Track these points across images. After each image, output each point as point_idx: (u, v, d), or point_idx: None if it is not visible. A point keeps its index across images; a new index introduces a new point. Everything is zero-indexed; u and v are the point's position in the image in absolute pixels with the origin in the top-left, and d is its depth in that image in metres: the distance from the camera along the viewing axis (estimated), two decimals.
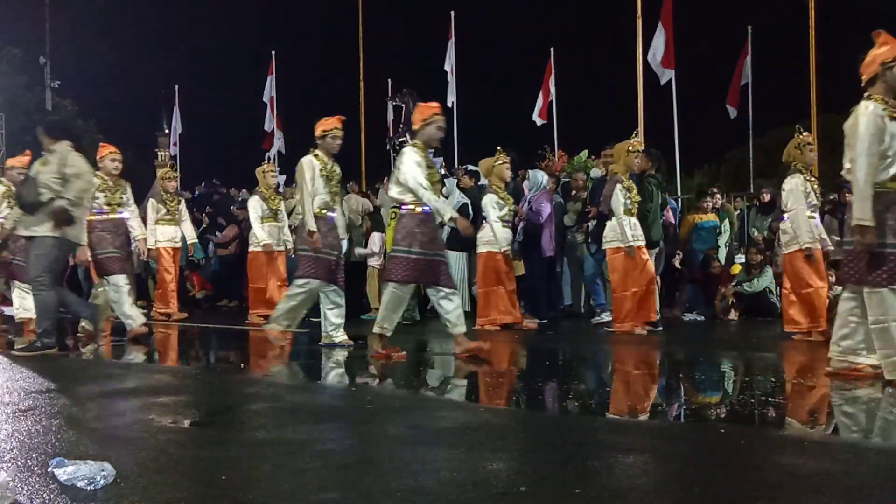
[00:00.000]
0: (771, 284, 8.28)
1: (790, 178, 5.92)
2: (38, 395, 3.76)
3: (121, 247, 6.65)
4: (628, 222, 6.52)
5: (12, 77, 23.80)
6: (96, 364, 5.40)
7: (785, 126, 25.24)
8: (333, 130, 5.66)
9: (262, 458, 2.51)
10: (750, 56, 14.68)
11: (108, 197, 6.68)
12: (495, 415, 3.45)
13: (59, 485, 2.13)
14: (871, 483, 2.24)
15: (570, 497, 2.07)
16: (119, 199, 6.75)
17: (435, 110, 5.17)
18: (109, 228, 6.62)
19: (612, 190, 6.60)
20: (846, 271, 3.94)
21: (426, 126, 5.12)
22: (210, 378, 4.74)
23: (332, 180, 5.74)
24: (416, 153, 5.05)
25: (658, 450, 2.66)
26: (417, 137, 5.19)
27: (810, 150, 6.05)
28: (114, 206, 6.68)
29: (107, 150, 6.94)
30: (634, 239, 6.54)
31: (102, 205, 6.63)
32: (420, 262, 5.03)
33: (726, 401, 3.86)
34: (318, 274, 5.60)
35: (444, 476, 2.29)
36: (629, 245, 6.48)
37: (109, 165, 6.83)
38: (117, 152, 6.92)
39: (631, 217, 6.59)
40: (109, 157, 6.86)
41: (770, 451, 2.66)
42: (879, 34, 3.89)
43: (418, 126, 5.17)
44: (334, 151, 5.75)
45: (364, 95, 17.82)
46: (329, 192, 5.71)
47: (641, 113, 13.19)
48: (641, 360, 5.33)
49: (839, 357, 4.08)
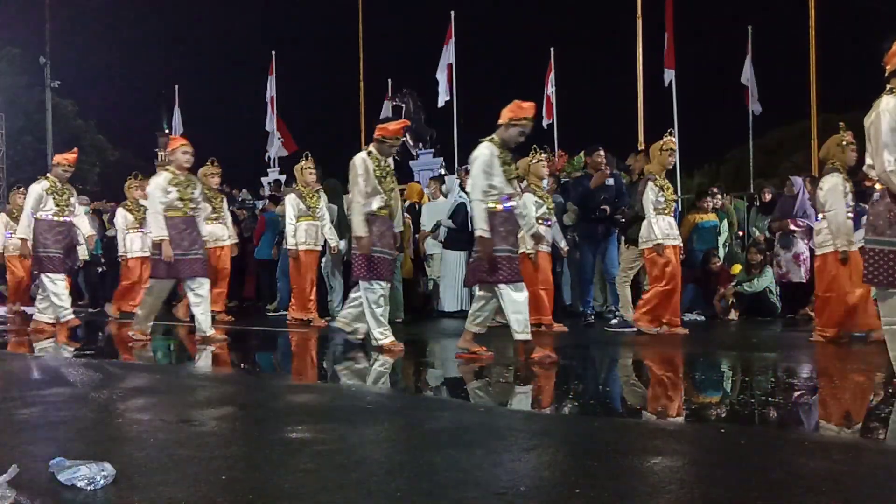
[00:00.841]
0: (771, 284, 8.27)
1: (829, 176, 5.64)
2: (38, 394, 3.76)
3: (190, 246, 6.18)
4: (657, 221, 6.47)
5: (12, 77, 23.82)
6: (96, 364, 5.39)
7: (785, 126, 25.35)
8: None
9: (262, 458, 2.51)
10: (750, 56, 14.68)
11: (181, 192, 6.19)
12: (495, 415, 3.45)
13: (59, 485, 2.13)
14: (871, 483, 2.24)
15: (570, 497, 2.07)
16: (190, 195, 6.26)
17: (526, 113, 4.90)
18: (179, 226, 6.18)
19: (644, 188, 6.57)
20: (870, 272, 3.82)
21: (511, 126, 4.90)
22: (210, 378, 4.74)
23: (387, 178, 5.53)
24: (493, 149, 4.85)
25: (658, 450, 2.66)
26: (498, 133, 4.95)
27: (852, 150, 5.71)
28: (186, 201, 6.21)
29: (178, 142, 6.49)
30: (666, 238, 6.48)
31: (175, 200, 6.18)
32: (506, 259, 4.89)
33: (726, 401, 3.85)
34: (381, 274, 5.45)
35: (444, 476, 2.29)
36: (658, 243, 6.44)
37: (182, 158, 6.31)
38: (189, 144, 6.44)
39: (664, 216, 6.53)
40: (181, 149, 6.35)
41: (770, 450, 2.66)
42: None
43: (504, 121, 4.92)
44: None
45: (364, 95, 17.86)
46: (385, 190, 5.50)
47: (641, 113, 13.21)
48: (657, 360, 5.33)
49: None
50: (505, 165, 4.92)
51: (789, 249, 8.42)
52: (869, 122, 3.73)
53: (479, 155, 4.88)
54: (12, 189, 10.19)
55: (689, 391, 4.24)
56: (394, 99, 17.42)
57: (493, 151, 4.88)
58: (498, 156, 4.89)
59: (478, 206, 4.88)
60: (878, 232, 3.76)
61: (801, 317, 8.15)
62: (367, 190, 5.40)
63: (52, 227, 7.12)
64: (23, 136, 24.73)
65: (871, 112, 3.74)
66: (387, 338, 5.44)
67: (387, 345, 5.40)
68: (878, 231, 3.76)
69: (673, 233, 6.60)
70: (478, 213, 4.88)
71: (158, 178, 6.23)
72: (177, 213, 6.15)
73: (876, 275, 3.76)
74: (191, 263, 6.18)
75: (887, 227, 3.72)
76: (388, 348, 5.38)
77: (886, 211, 3.72)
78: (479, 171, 4.85)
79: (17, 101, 23.80)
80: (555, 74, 15.25)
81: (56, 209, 7.13)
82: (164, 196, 6.11)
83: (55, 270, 7.16)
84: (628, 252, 7.25)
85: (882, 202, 3.77)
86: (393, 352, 5.35)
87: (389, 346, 5.39)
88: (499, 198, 4.91)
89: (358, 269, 5.49)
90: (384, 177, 5.51)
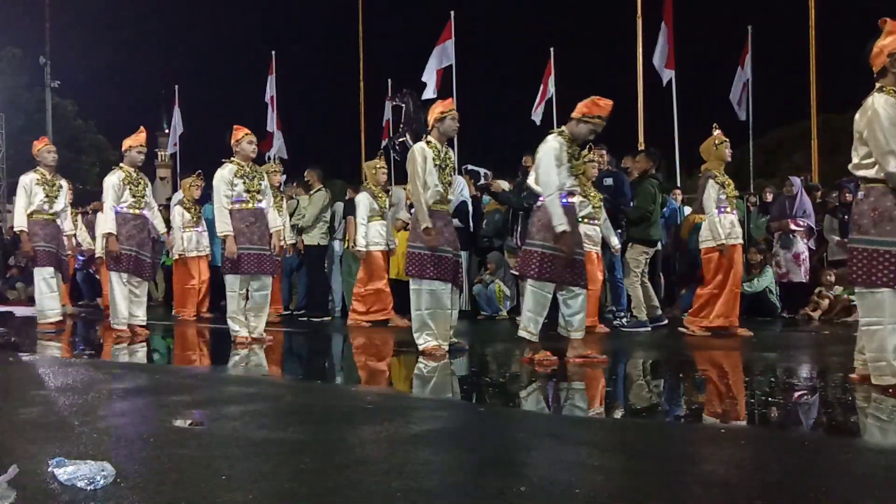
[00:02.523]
0: (771, 284, 8.27)
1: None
2: (38, 394, 3.76)
3: (259, 240, 6.01)
4: (720, 220, 6.30)
5: (12, 77, 23.83)
6: (96, 364, 5.39)
7: (785, 126, 25.34)
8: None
9: (262, 458, 2.51)
10: (750, 56, 14.67)
11: (248, 184, 5.99)
12: (495, 415, 3.45)
13: (59, 485, 2.13)
14: (871, 483, 2.24)
15: (571, 497, 2.07)
16: (258, 187, 6.07)
17: (601, 112, 4.70)
18: (248, 219, 5.98)
19: (704, 186, 6.42)
20: (853, 271, 3.76)
21: (583, 122, 4.71)
22: (211, 378, 4.74)
23: (446, 170, 5.25)
24: (562, 142, 4.68)
25: (658, 450, 2.66)
26: (568, 127, 4.78)
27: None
28: (253, 192, 6.02)
29: (241, 132, 6.14)
30: (729, 237, 6.33)
31: (242, 192, 5.97)
32: (556, 258, 4.64)
33: (725, 400, 3.85)
34: (440, 274, 5.16)
35: (444, 476, 2.29)
36: (722, 243, 6.28)
37: (248, 148, 6.09)
38: (252, 134, 6.18)
39: (727, 214, 6.38)
40: (246, 139, 6.11)
41: (769, 450, 2.66)
42: (886, 22, 3.70)
43: (578, 115, 4.72)
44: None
45: (364, 95, 17.85)
46: (443, 182, 5.22)
47: (641, 113, 13.21)
48: (714, 362, 5.33)
49: None
50: (573, 160, 4.74)
51: (789, 249, 8.43)
52: (863, 123, 3.66)
53: (549, 148, 4.67)
54: None
55: (690, 391, 4.24)
56: (394, 99, 17.39)
57: (561, 144, 4.68)
58: (567, 150, 4.70)
59: (552, 202, 4.58)
60: (862, 231, 3.71)
61: (801, 317, 8.16)
62: (428, 180, 5.11)
63: (127, 220, 6.53)
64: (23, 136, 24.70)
65: (861, 112, 3.69)
66: (427, 342, 5.16)
67: (428, 349, 5.14)
68: (863, 230, 3.71)
69: (735, 231, 6.43)
70: (554, 209, 4.57)
71: (223, 171, 5.99)
72: (245, 206, 5.96)
73: (860, 274, 3.70)
74: (258, 259, 5.96)
75: (871, 226, 3.66)
76: (430, 352, 5.11)
77: (870, 210, 3.67)
78: (551, 164, 4.63)
79: (17, 101, 23.81)
80: (555, 74, 15.22)
81: (132, 200, 6.52)
82: (230, 189, 5.92)
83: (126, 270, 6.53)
84: (632, 251, 7.23)
85: (866, 201, 3.71)
86: (435, 356, 5.06)
87: (431, 351, 5.11)
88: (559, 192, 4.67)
89: (412, 267, 5.21)
90: (444, 168, 5.22)
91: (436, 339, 5.17)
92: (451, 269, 5.20)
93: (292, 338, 7.19)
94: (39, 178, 7.18)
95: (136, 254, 6.51)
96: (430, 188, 5.16)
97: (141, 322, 6.67)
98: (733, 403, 3.74)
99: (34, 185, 7.15)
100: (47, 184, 7.19)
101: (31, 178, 7.18)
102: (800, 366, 5.12)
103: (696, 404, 3.80)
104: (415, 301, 5.22)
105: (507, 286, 8.45)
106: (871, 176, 3.70)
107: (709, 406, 3.70)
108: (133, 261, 6.49)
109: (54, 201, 7.23)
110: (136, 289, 6.63)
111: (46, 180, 7.20)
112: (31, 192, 7.14)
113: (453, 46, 14.52)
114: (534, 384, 4.33)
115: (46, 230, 7.21)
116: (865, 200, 3.73)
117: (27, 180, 7.18)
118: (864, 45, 3.80)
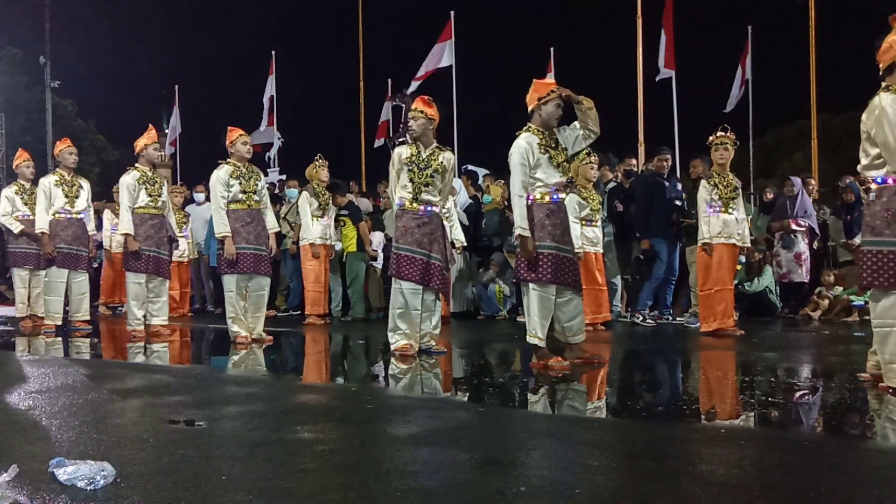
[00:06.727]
0: (771, 284, 8.27)
1: None
2: (38, 395, 3.76)
3: (256, 240, 6.08)
4: (708, 221, 6.48)
5: (12, 77, 23.79)
6: (96, 364, 5.39)
7: (785, 126, 25.33)
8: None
9: (262, 458, 2.50)
10: (750, 56, 14.68)
11: (244, 185, 6.07)
12: (495, 415, 3.45)
13: (59, 485, 2.13)
14: (871, 483, 2.24)
15: (571, 497, 2.07)
16: (254, 188, 6.12)
17: (549, 87, 4.61)
18: (244, 219, 6.06)
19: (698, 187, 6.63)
20: (869, 273, 3.66)
21: (543, 106, 4.59)
22: (210, 378, 4.74)
23: (426, 170, 5.07)
24: (530, 138, 4.56)
25: (658, 450, 2.66)
26: (532, 120, 4.66)
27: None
28: (249, 193, 6.10)
29: (236, 133, 6.21)
30: (719, 237, 6.48)
31: (238, 193, 6.08)
32: (555, 257, 4.55)
33: (725, 400, 3.85)
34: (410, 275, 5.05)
35: (444, 476, 2.29)
36: (706, 243, 6.49)
37: (242, 149, 6.14)
38: (246, 135, 6.26)
39: (723, 215, 6.48)
40: (240, 140, 6.14)
41: (769, 450, 2.66)
42: (895, 19, 3.59)
43: (534, 105, 4.63)
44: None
45: (364, 95, 17.86)
46: (414, 182, 5.04)
47: (641, 113, 13.22)
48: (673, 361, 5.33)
49: None
50: (550, 150, 4.59)
51: (790, 249, 8.43)
52: (871, 123, 3.60)
53: (514, 149, 4.60)
54: None
55: (687, 390, 4.24)
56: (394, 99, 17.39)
57: (529, 141, 4.56)
58: (539, 143, 4.57)
59: (517, 203, 4.56)
60: (875, 233, 3.66)
61: (801, 317, 8.16)
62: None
63: (145, 220, 6.54)
64: (23, 136, 24.69)
65: (868, 112, 3.63)
66: (398, 342, 5.11)
67: (399, 348, 5.09)
68: (876, 231, 3.65)
69: (727, 231, 6.50)
70: (517, 210, 4.57)
71: (219, 172, 6.07)
72: (241, 206, 6.04)
73: (876, 276, 3.63)
74: (255, 259, 6.03)
75: (885, 226, 3.62)
76: (400, 351, 5.06)
77: (883, 210, 3.62)
78: (517, 166, 4.57)
79: (17, 101, 23.78)
80: (554, 74, 15.22)
81: (149, 200, 6.52)
82: (226, 190, 6.01)
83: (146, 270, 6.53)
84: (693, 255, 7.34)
85: (878, 202, 3.66)
86: (405, 356, 5.01)
87: (401, 350, 5.07)
88: (547, 189, 4.60)
89: (391, 266, 5.17)
90: (422, 168, 5.03)
91: (406, 339, 5.13)
92: (421, 271, 5.06)
93: (291, 338, 7.19)
94: (58, 179, 7.26)
95: (156, 254, 6.55)
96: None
97: (162, 322, 6.70)
98: (733, 403, 3.74)
99: (53, 187, 7.22)
100: (66, 184, 7.25)
101: (50, 181, 7.27)
102: (800, 366, 5.12)
103: (696, 404, 3.79)
104: (391, 300, 5.24)
105: (507, 286, 8.45)
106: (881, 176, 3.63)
107: (709, 406, 3.70)
108: (153, 261, 6.53)
109: (75, 201, 7.28)
110: (155, 288, 6.66)
111: (66, 181, 7.27)
112: (50, 193, 7.22)
113: (453, 46, 14.52)
114: (533, 384, 4.32)
115: (69, 231, 7.27)
116: (878, 201, 3.66)
117: (46, 182, 7.27)
118: (865, 45, 3.76)
